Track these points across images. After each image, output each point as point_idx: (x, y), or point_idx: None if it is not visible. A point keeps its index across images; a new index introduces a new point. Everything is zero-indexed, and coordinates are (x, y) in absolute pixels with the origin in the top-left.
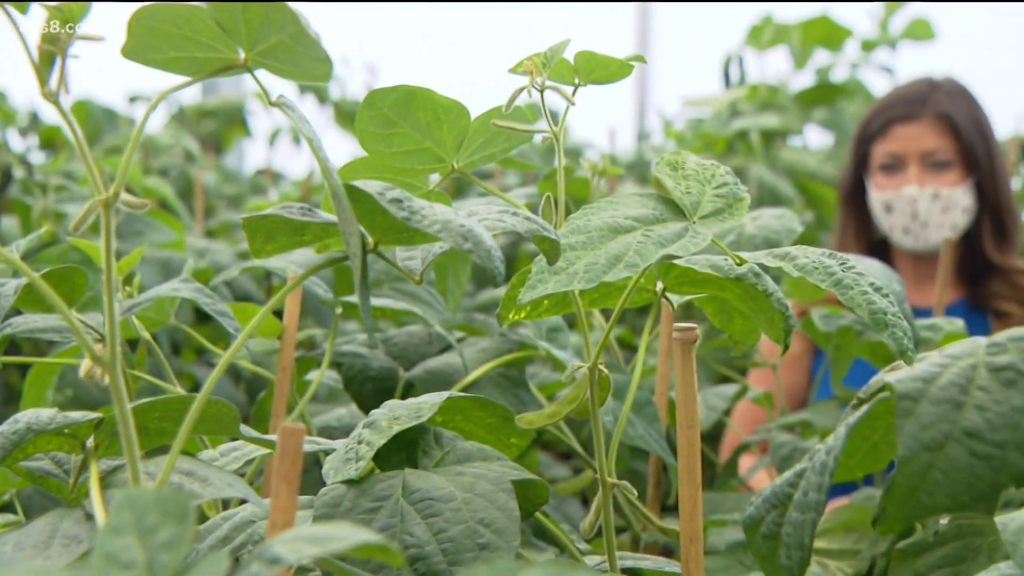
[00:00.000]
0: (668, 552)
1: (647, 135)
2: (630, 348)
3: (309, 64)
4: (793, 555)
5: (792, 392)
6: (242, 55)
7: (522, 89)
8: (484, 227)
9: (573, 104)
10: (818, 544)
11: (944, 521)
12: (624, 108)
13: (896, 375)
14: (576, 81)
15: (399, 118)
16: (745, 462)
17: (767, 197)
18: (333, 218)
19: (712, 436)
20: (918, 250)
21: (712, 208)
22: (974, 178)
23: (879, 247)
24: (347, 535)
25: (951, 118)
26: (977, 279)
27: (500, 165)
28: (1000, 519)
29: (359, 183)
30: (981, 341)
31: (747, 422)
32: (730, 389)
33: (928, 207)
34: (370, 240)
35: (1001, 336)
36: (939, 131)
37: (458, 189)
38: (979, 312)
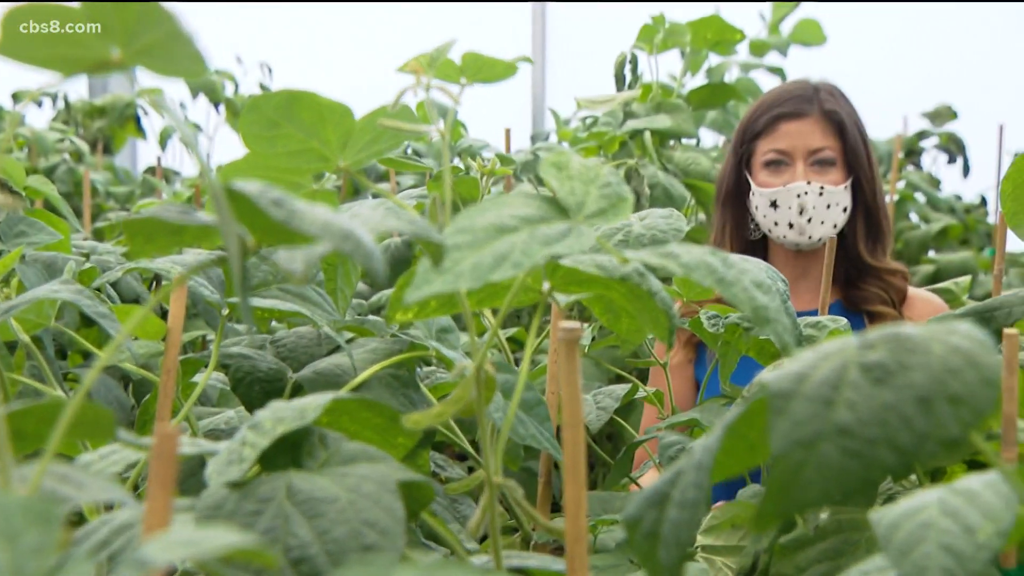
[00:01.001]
0: (561, 551)
1: (544, 135)
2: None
3: (185, 61)
4: (672, 552)
5: (678, 397)
6: (117, 53)
7: (406, 89)
8: (368, 229)
9: (458, 103)
10: (705, 541)
11: (825, 516)
12: (524, 109)
13: (772, 374)
14: (462, 81)
15: (283, 120)
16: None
17: (661, 197)
18: (211, 219)
19: (608, 436)
20: (801, 245)
21: (597, 208)
22: (853, 178)
23: (756, 247)
24: (220, 538)
25: (838, 117)
26: (851, 281)
27: (388, 167)
28: (874, 514)
29: (238, 184)
30: (852, 339)
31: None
32: (621, 389)
33: (815, 202)
34: (251, 241)
35: (872, 335)
36: (825, 130)
37: (355, 191)
38: (854, 315)
